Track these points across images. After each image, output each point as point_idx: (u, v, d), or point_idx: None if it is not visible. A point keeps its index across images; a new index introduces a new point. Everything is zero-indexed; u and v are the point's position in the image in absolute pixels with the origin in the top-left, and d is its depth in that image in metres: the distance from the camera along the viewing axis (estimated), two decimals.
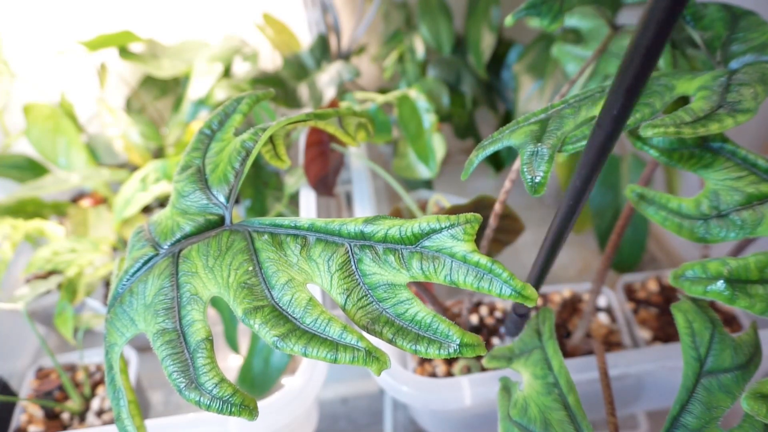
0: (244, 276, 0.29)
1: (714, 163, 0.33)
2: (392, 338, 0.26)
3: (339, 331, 0.26)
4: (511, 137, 0.34)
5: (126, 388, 0.33)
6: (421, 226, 0.27)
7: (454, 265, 0.26)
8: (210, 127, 0.38)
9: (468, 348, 0.25)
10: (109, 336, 0.32)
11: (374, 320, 0.27)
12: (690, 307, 0.35)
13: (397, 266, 0.27)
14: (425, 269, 0.27)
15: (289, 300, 0.28)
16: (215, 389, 0.27)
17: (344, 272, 0.28)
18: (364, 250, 0.28)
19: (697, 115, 0.31)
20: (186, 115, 0.89)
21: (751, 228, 0.30)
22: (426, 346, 0.26)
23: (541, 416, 0.37)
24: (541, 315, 0.43)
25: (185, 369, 0.28)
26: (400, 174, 0.76)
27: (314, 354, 0.26)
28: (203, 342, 0.28)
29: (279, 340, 0.26)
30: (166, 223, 0.34)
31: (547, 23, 0.48)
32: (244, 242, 0.31)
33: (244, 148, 0.34)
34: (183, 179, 0.35)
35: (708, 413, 0.32)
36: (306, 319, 0.27)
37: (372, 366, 0.26)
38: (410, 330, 0.26)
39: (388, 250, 0.28)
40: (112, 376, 0.33)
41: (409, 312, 0.27)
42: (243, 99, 0.39)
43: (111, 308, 0.33)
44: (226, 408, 0.27)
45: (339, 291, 0.28)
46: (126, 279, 0.33)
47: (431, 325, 0.26)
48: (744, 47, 0.38)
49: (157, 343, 0.29)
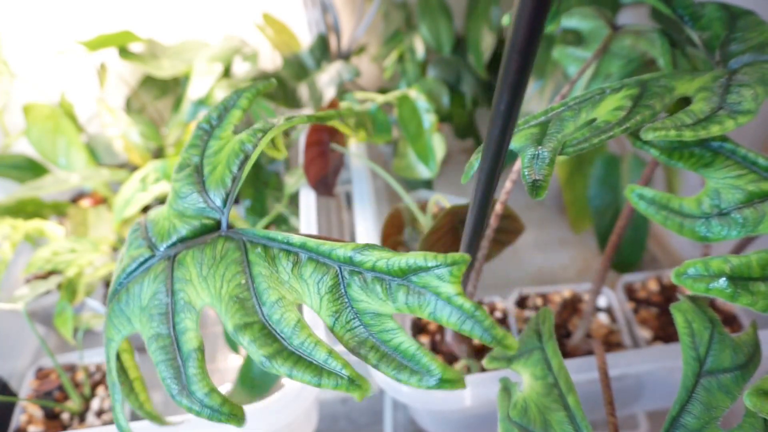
0: (237, 289, 0.29)
1: (714, 162, 0.33)
2: (376, 364, 0.26)
3: (324, 356, 0.27)
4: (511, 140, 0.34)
5: (130, 367, 0.35)
6: (408, 262, 0.27)
7: (438, 304, 0.26)
8: (209, 122, 0.37)
9: (448, 383, 0.25)
10: (107, 331, 0.33)
11: (361, 344, 0.27)
12: (689, 307, 0.35)
13: (383, 297, 0.27)
14: (410, 303, 0.27)
15: (278, 319, 0.28)
16: (205, 398, 0.28)
17: (334, 295, 0.28)
18: (353, 276, 0.28)
19: (697, 117, 0.31)
20: (186, 115, 0.89)
21: (752, 226, 0.30)
22: (408, 376, 0.26)
23: (540, 417, 0.37)
24: (540, 315, 0.43)
25: (178, 375, 0.29)
26: (400, 174, 0.76)
27: (299, 377, 0.27)
28: (194, 352, 0.29)
29: (266, 360, 0.27)
30: (163, 223, 0.34)
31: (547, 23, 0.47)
32: (238, 252, 0.31)
33: (242, 151, 0.34)
34: (181, 179, 0.35)
35: (708, 413, 0.32)
36: (294, 340, 0.28)
37: (354, 393, 0.26)
38: (394, 358, 0.26)
39: (376, 279, 0.28)
40: (110, 367, 0.34)
41: (394, 341, 0.27)
42: (243, 93, 0.38)
43: (110, 302, 0.34)
44: (215, 416, 0.28)
45: (328, 313, 0.28)
46: (123, 277, 0.33)
47: (414, 356, 0.26)
48: (743, 47, 0.38)
49: (151, 347, 0.30)
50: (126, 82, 1.01)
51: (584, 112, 0.34)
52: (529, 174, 0.32)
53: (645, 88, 0.34)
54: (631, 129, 0.32)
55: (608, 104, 0.34)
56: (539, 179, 0.32)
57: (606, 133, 0.32)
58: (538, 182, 0.32)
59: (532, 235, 1.06)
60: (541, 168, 0.32)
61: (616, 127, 0.32)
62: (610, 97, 0.35)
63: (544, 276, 0.98)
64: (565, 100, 0.36)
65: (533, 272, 0.99)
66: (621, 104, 0.33)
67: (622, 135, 0.33)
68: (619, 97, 0.34)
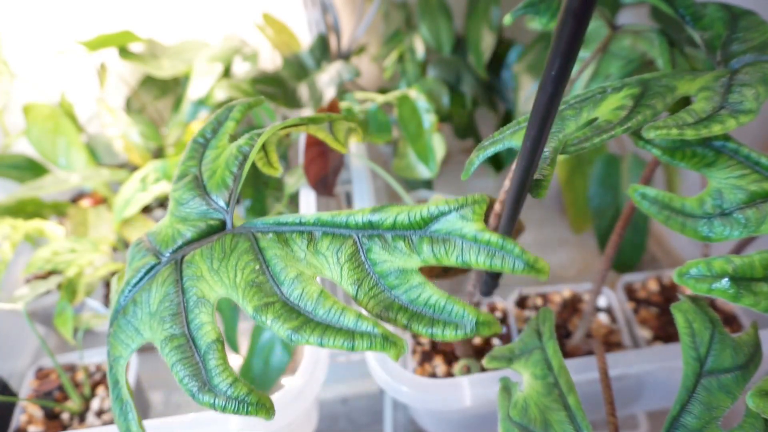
0: (252, 275, 0.29)
1: (717, 162, 0.33)
2: (407, 324, 0.26)
3: (354, 320, 0.26)
4: (512, 138, 0.34)
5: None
6: (430, 210, 0.27)
7: (465, 245, 0.26)
8: (203, 136, 0.37)
9: (484, 326, 0.25)
10: (113, 350, 0.32)
11: (387, 308, 0.27)
12: (690, 307, 0.35)
13: (407, 251, 0.27)
14: (436, 252, 0.27)
15: (299, 294, 0.28)
16: (230, 390, 0.27)
17: (353, 263, 0.28)
18: (373, 239, 0.28)
19: (699, 116, 0.31)
20: (186, 115, 0.89)
21: (754, 226, 0.30)
22: (442, 328, 0.25)
23: (541, 417, 0.37)
24: (541, 315, 0.43)
25: (197, 373, 0.28)
26: (400, 174, 0.76)
27: (331, 343, 0.26)
28: (214, 343, 0.28)
29: (293, 333, 0.26)
30: (166, 231, 0.34)
31: (546, 21, 0.47)
32: (248, 243, 0.31)
33: (241, 153, 0.34)
34: (180, 188, 0.35)
35: (708, 413, 0.32)
36: (318, 311, 0.27)
37: (389, 351, 0.25)
38: (425, 314, 0.26)
39: (397, 236, 0.28)
40: (118, 391, 0.32)
41: (422, 296, 0.26)
42: (234, 107, 0.38)
43: (113, 322, 0.32)
44: (242, 408, 0.26)
45: (349, 282, 0.28)
46: (128, 290, 0.32)
47: (445, 307, 0.26)
48: (744, 47, 0.37)
49: (165, 349, 0.29)
50: (126, 82, 1.01)
51: (585, 111, 0.34)
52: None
53: (646, 88, 0.34)
54: (633, 128, 0.32)
55: (610, 103, 0.34)
56: (540, 178, 0.32)
57: (607, 132, 0.32)
58: (539, 181, 0.32)
59: (532, 235, 1.06)
60: (542, 167, 0.32)
61: (617, 126, 0.32)
62: (611, 96, 0.35)
63: None
64: (566, 98, 0.36)
65: None
66: (622, 103, 0.33)
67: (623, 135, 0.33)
68: (620, 96, 0.34)
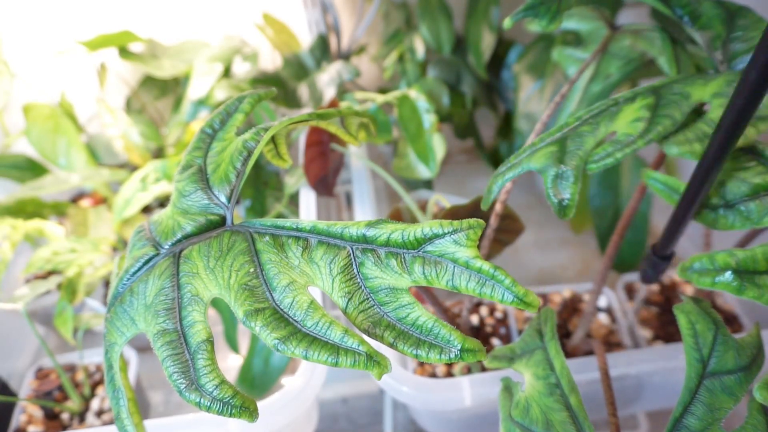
0: (246, 277, 0.29)
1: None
2: (393, 342, 0.26)
3: (340, 335, 0.26)
4: (530, 161, 0.34)
5: (125, 387, 0.33)
6: (424, 231, 0.27)
7: (456, 270, 0.26)
8: (212, 126, 0.37)
9: (469, 353, 0.25)
10: (108, 335, 0.32)
11: (375, 324, 0.27)
12: (693, 309, 0.35)
13: (399, 270, 0.27)
14: (427, 274, 0.26)
15: (290, 302, 0.28)
16: (215, 391, 0.27)
17: (346, 275, 0.28)
18: (366, 254, 0.28)
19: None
20: (186, 115, 0.89)
21: (757, 218, 0.30)
22: (427, 350, 0.25)
23: (543, 417, 0.37)
24: (542, 315, 0.43)
25: (186, 370, 0.28)
26: (400, 174, 0.76)
27: (315, 357, 0.26)
28: (204, 343, 0.28)
29: (280, 343, 0.26)
30: (166, 222, 0.34)
31: (546, 23, 0.47)
32: (245, 243, 0.31)
33: (245, 148, 0.34)
34: (184, 179, 0.35)
35: (710, 415, 0.32)
36: (307, 322, 0.27)
37: (373, 370, 0.25)
38: (411, 334, 0.26)
39: (390, 254, 0.27)
40: (112, 375, 0.33)
41: (410, 316, 0.26)
42: (245, 98, 0.38)
43: (111, 307, 0.33)
44: (226, 410, 0.26)
45: (340, 294, 0.28)
46: (126, 278, 0.33)
47: (432, 329, 0.26)
48: (745, 46, 0.37)
49: (157, 343, 0.29)
50: (126, 82, 1.01)
51: (603, 126, 0.34)
52: (554, 194, 0.31)
53: (660, 96, 0.34)
54: (654, 140, 0.32)
55: (626, 115, 0.34)
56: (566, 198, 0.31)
57: (630, 146, 0.32)
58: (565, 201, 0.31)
59: (532, 235, 1.06)
60: (566, 187, 0.31)
61: (638, 139, 0.32)
62: (625, 107, 0.34)
63: (544, 276, 0.98)
64: (579, 114, 0.36)
65: (533, 272, 0.99)
66: (639, 115, 0.33)
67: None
68: (635, 107, 0.34)
